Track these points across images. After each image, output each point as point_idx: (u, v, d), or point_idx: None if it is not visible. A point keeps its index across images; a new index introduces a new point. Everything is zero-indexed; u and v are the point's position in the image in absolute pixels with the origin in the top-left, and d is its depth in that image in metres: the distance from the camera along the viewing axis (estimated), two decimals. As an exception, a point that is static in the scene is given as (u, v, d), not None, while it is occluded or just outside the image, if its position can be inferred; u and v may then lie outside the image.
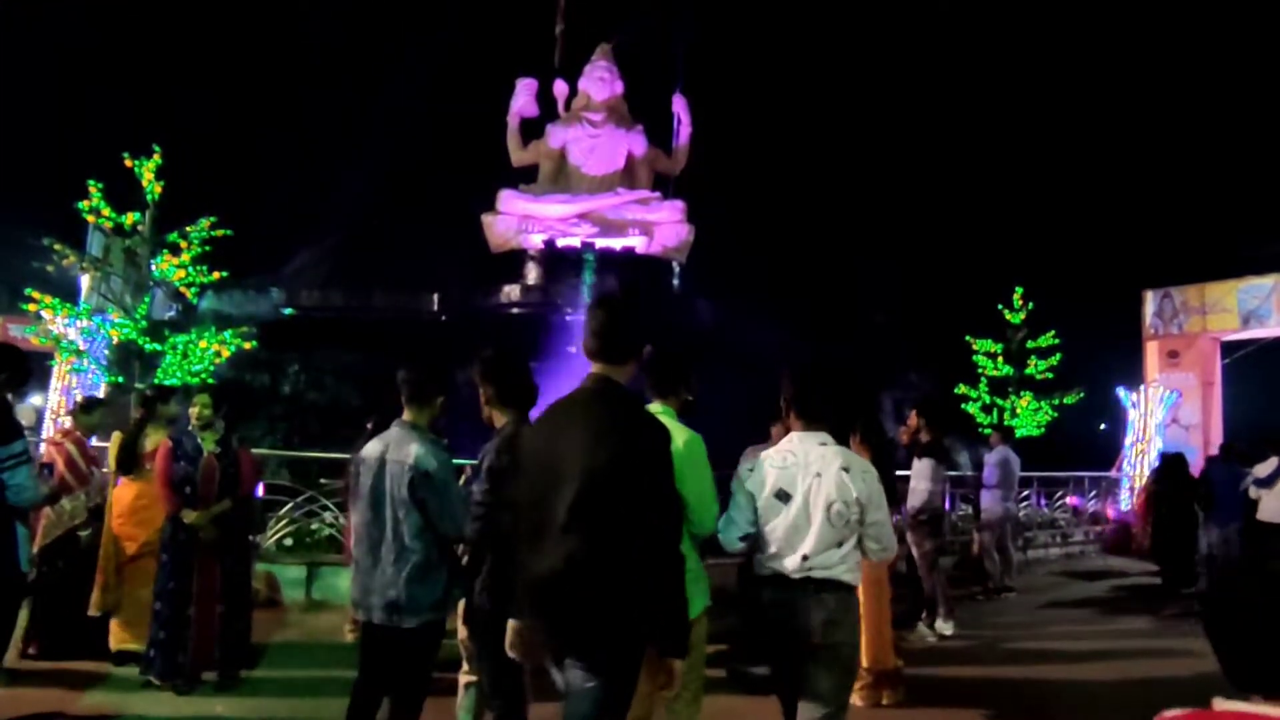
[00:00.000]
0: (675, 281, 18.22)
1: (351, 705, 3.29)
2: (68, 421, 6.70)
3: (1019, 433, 14.86)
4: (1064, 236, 26.58)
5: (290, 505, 7.79)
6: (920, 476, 7.31)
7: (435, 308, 16.73)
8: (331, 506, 8.01)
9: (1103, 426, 19.95)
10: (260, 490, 7.07)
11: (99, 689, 4.92)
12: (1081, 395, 15.65)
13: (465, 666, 3.89)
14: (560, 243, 17.44)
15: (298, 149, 25.38)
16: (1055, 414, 15.44)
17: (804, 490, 3.06)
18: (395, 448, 3.28)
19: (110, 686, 4.98)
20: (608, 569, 2.41)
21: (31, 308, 8.56)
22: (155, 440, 5.42)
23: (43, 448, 6.22)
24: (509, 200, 18.20)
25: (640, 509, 2.47)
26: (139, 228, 8.86)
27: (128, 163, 8.77)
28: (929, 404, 8.63)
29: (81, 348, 8.57)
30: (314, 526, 7.99)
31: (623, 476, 2.47)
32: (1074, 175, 28.71)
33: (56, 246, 8.81)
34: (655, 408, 3.43)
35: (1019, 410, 15.33)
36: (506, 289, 16.62)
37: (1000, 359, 15.58)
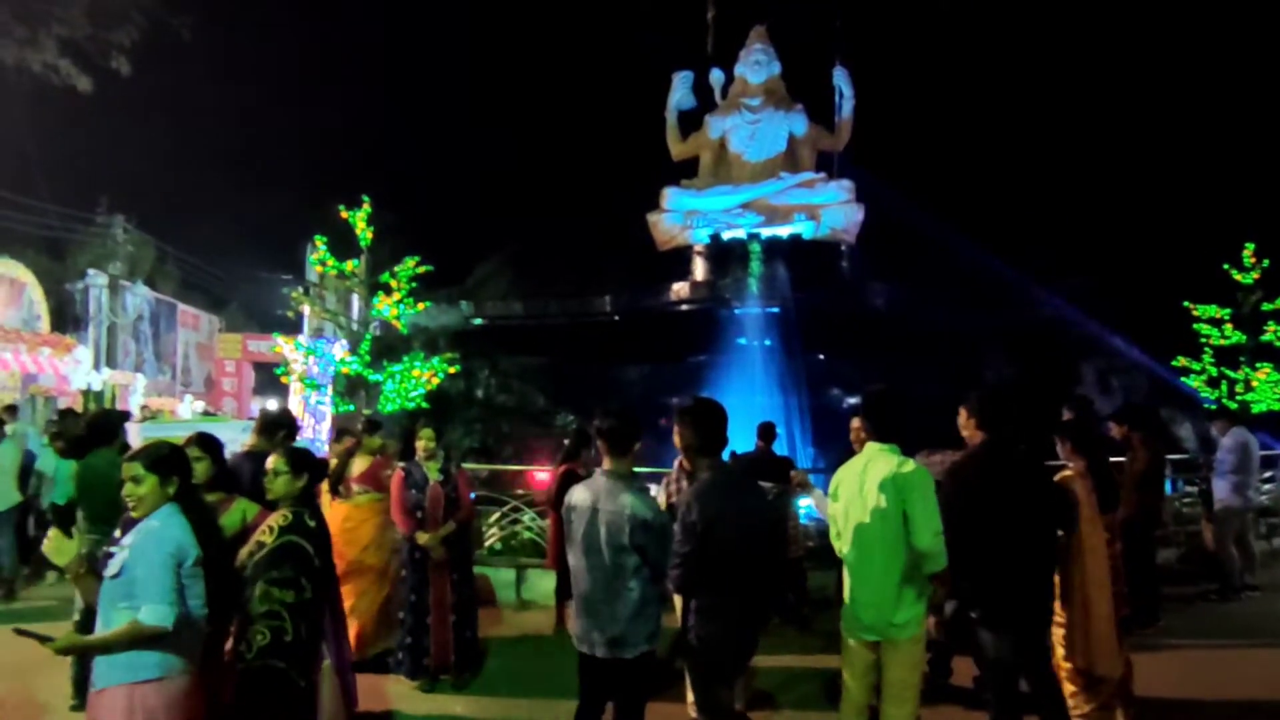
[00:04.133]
0: (845, 265, 17.74)
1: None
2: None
3: (1256, 408, 13.15)
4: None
5: (498, 514, 8.52)
6: None
7: (608, 309, 17.35)
8: (530, 512, 8.65)
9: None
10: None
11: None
12: None
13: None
14: (726, 235, 17.51)
15: (471, 169, 27.13)
16: (1305, 386, 13.49)
17: None
18: (607, 498, 3.49)
19: (366, 688, 5.75)
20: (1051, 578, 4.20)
21: (277, 350, 10.01)
22: (360, 466, 6.08)
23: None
24: (673, 196, 18.50)
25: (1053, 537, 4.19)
26: (356, 271, 10.10)
27: (343, 214, 10.03)
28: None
29: (317, 382, 9.97)
30: (518, 530, 8.68)
31: (1049, 515, 4.16)
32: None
33: (294, 295, 10.21)
34: (875, 447, 3.84)
35: (1254, 383, 13.51)
36: (675, 286, 16.94)
37: (1229, 325, 13.81)
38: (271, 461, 3.55)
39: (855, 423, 4.89)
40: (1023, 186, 24.52)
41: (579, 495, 3.61)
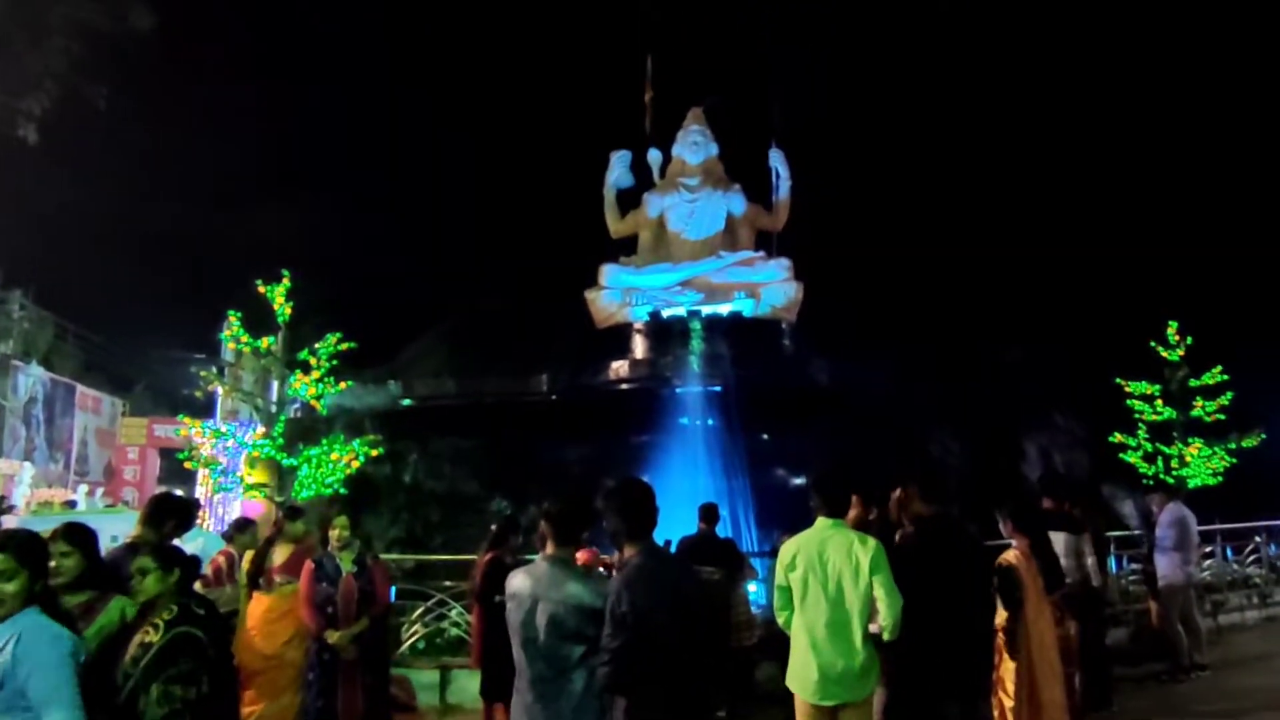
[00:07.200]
0: (786, 342, 18.11)
1: None
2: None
3: (1191, 483, 13.65)
4: (1221, 260, 24.68)
5: (421, 610, 8.14)
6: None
7: (545, 388, 17.25)
8: (459, 606, 8.29)
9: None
10: (392, 596, 7.42)
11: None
12: (1263, 437, 14.20)
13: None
14: (665, 313, 17.75)
15: (400, 241, 27.12)
16: (1233, 460, 14.09)
17: None
18: (550, 586, 3.37)
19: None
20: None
21: (183, 433, 9.60)
22: (282, 555, 5.84)
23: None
24: (611, 274, 18.76)
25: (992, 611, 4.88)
26: (273, 349, 9.86)
27: (260, 289, 9.85)
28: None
29: (225, 467, 9.56)
30: (444, 626, 8.29)
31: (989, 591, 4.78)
32: (1223, 192, 26.76)
33: (203, 374, 9.89)
34: (827, 522, 4.27)
35: (1188, 458, 14.06)
36: (615, 365, 16.99)
37: (1159, 402, 14.45)
38: (137, 562, 3.35)
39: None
40: (957, 262, 25.74)
41: (518, 583, 3.48)
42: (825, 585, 4.14)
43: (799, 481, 12.70)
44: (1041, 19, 28.82)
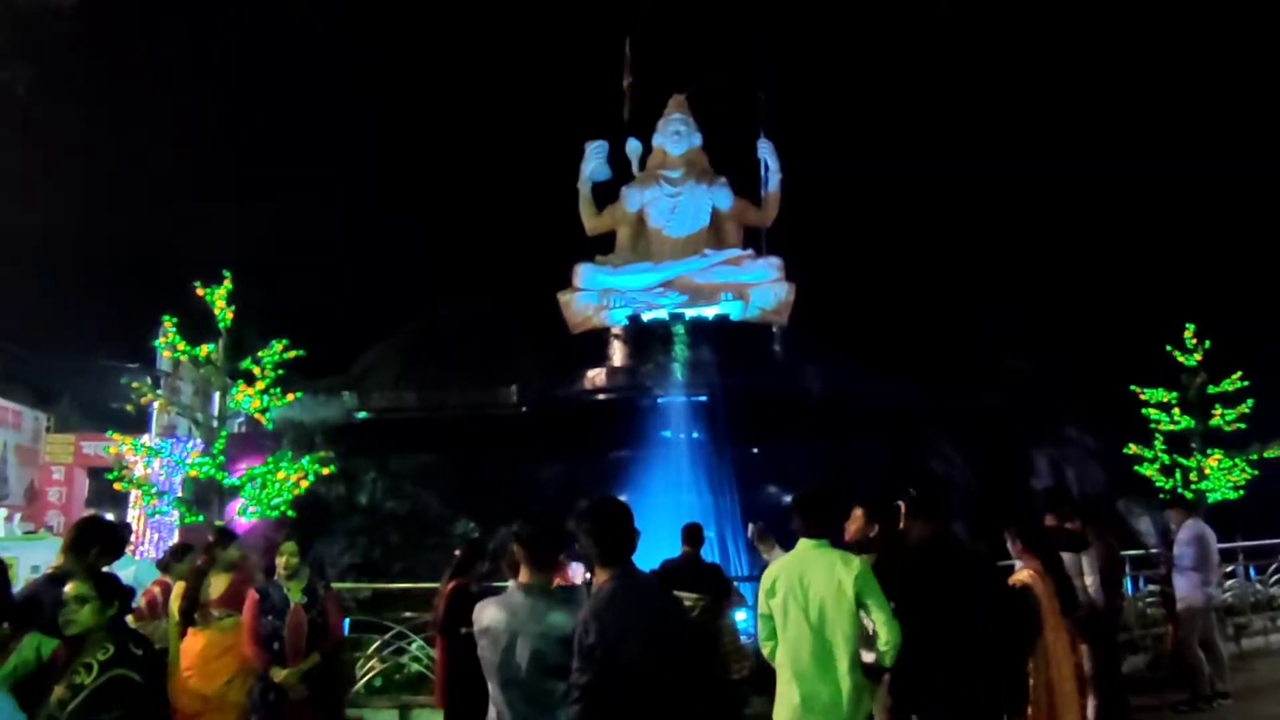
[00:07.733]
0: (777, 348, 18.20)
1: None
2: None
3: (1211, 497, 13.86)
4: (1240, 258, 25.12)
5: (379, 643, 8.09)
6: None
7: (515, 399, 17.21)
8: (420, 639, 8.25)
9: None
10: (346, 628, 7.37)
11: None
12: None
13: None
14: (646, 316, 17.76)
15: (356, 239, 26.98)
16: (1255, 472, 14.32)
17: None
18: (530, 618, 3.34)
19: None
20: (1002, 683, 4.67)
21: (113, 450, 9.51)
22: (219, 586, 5.78)
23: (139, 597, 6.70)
24: (587, 274, 18.75)
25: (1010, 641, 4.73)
26: (213, 357, 9.79)
27: (199, 291, 9.78)
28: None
29: (160, 489, 9.47)
30: (403, 661, 8.25)
31: (1005, 618, 4.67)
32: (1242, 188, 27.24)
33: (135, 385, 9.80)
34: (809, 543, 4.33)
35: (1207, 470, 14.28)
36: (590, 373, 16.96)
37: (1176, 410, 14.66)
38: (73, 588, 3.30)
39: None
40: (960, 262, 26.01)
41: (492, 616, 3.43)
42: (806, 611, 4.15)
43: (787, 499, 12.74)
44: (1052, 12, 29.32)
